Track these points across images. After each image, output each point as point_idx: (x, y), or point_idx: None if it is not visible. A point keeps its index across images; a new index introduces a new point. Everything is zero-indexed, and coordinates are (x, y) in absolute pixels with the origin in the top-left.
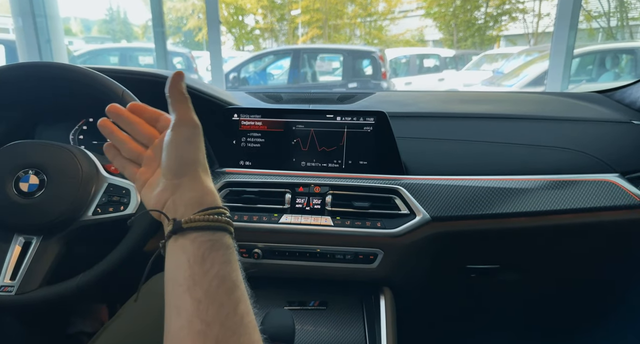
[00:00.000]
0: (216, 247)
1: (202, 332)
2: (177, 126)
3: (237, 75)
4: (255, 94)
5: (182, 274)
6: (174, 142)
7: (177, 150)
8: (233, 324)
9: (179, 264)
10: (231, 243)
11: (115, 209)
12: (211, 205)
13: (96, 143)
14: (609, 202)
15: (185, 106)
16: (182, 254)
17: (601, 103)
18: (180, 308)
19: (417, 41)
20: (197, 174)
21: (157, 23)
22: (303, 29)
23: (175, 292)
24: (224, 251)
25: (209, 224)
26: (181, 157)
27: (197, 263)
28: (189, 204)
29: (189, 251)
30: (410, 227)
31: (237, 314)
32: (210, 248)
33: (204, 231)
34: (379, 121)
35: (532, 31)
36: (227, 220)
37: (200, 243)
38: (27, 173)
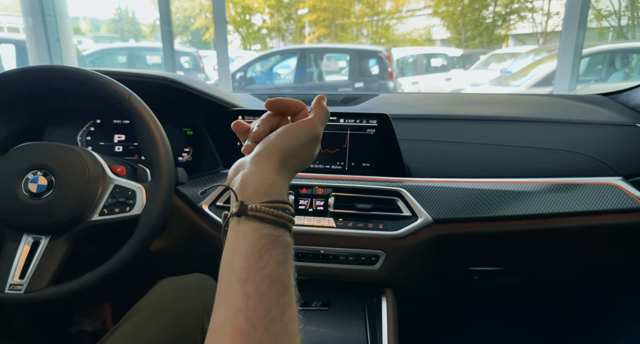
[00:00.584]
0: (275, 244)
1: (245, 332)
2: (317, 114)
3: (244, 74)
4: (260, 96)
5: (238, 264)
6: (304, 125)
7: (300, 133)
8: (277, 330)
9: (236, 252)
10: (290, 242)
11: (121, 210)
12: (278, 198)
13: (103, 144)
14: (612, 206)
15: (322, 101)
16: (241, 241)
17: (606, 105)
18: (230, 298)
19: (424, 40)
20: (280, 165)
21: (165, 22)
22: (310, 28)
23: (228, 280)
24: (282, 249)
25: (273, 217)
26: (298, 139)
27: (254, 257)
28: (258, 190)
29: (248, 241)
30: (412, 229)
31: (283, 320)
32: (269, 244)
33: (267, 223)
34: (381, 124)
35: (541, 30)
36: (290, 217)
37: (261, 236)
38: (36, 174)
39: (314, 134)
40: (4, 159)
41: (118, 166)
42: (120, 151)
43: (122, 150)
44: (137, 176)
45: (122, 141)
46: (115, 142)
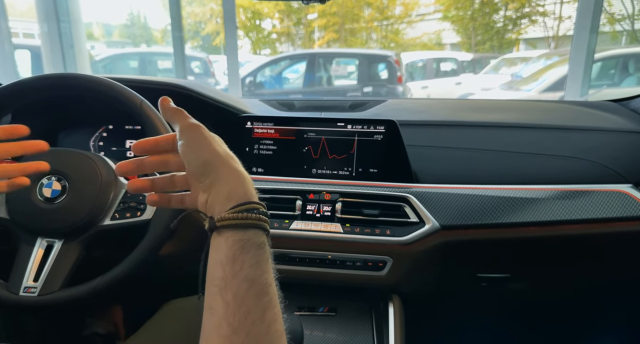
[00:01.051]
0: (246, 248)
1: (228, 338)
2: (181, 135)
3: (253, 79)
4: (269, 102)
5: (216, 274)
6: (185, 149)
7: (191, 154)
8: (258, 332)
9: (214, 263)
10: (263, 241)
11: (132, 214)
12: (241, 200)
13: (115, 150)
14: (622, 213)
15: (179, 116)
16: (216, 253)
17: (616, 112)
18: (213, 309)
19: (434, 45)
20: (223, 169)
21: (176, 27)
22: (319, 33)
23: (210, 292)
24: (255, 251)
25: (237, 222)
26: (197, 159)
27: (229, 264)
28: (220, 201)
29: (222, 251)
30: (419, 235)
31: (264, 322)
32: (240, 249)
33: (235, 229)
34: (389, 130)
35: (553, 34)
36: (258, 217)
37: (232, 243)
38: (50, 179)
39: (197, 129)
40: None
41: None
42: (132, 156)
43: (134, 155)
44: None
45: None
46: (127, 148)
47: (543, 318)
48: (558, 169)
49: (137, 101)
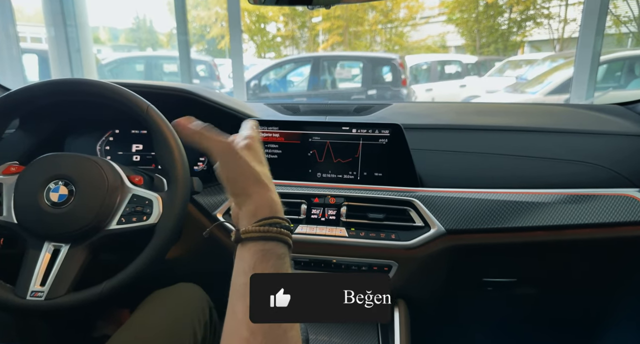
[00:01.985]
0: (267, 258)
1: (246, 340)
2: (215, 157)
3: (258, 82)
4: (274, 106)
5: (239, 281)
6: (220, 170)
7: (225, 175)
8: (276, 336)
9: (238, 272)
10: (284, 253)
11: (138, 219)
12: (267, 216)
13: (121, 154)
14: (628, 218)
15: (208, 139)
16: (240, 262)
17: (622, 116)
18: (234, 312)
19: (438, 47)
20: (254, 189)
21: (181, 31)
22: (324, 36)
23: (233, 297)
24: (274, 261)
25: (260, 234)
26: (229, 180)
27: (250, 272)
28: (247, 216)
29: (245, 260)
30: (424, 239)
31: (280, 327)
32: (261, 258)
33: (257, 241)
34: (394, 134)
35: (558, 37)
36: (280, 230)
37: (254, 253)
38: (57, 184)
39: (227, 151)
40: (27, 170)
41: (136, 175)
42: (138, 160)
43: (140, 159)
44: (154, 185)
45: (139, 150)
46: (133, 152)
47: (549, 323)
48: (564, 173)
49: (143, 106)
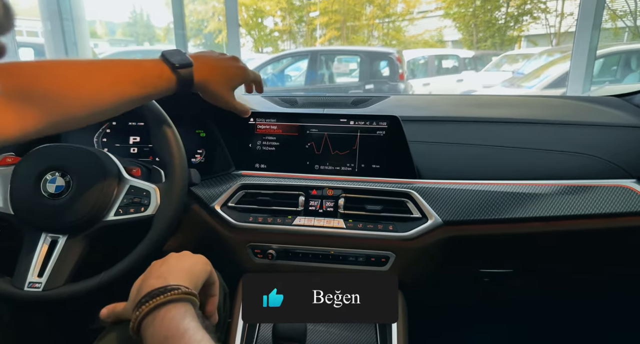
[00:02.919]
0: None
1: None
2: None
3: None
4: (271, 98)
5: None
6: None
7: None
8: None
9: None
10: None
11: (136, 210)
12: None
13: (119, 146)
14: (625, 208)
15: None
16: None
17: (620, 107)
18: None
19: (435, 42)
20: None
21: (179, 25)
22: (321, 31)
23: None
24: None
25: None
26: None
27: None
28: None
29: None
30: (422, 230)
31: None
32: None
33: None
34: (391, 125)
35: (554, 31)
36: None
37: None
38: (54, 175)
39: None
40: (23, 161)
41: (133, 167)
42: (135, 152)
43: (137, 151)
44: (152, 177)
45: (137, 142)
46: (130, 144)
47: (546, 314)
48: (561, 165)
49: None
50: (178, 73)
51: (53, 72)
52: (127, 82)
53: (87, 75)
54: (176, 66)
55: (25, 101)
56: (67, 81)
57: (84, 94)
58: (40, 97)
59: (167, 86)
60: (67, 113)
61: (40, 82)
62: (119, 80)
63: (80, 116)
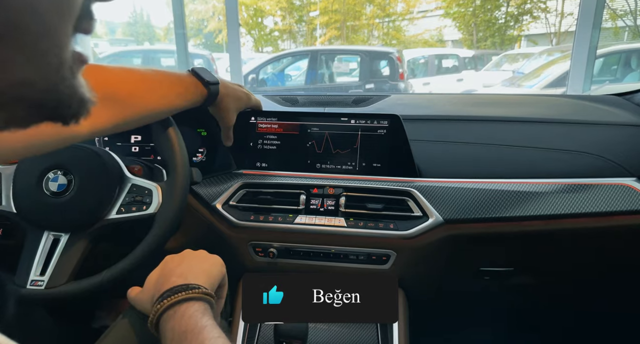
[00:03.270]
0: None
1: None
2: None
3: (256, 76)
4: (272, 97)
5: None
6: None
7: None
8: None
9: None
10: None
11: (138, 208)
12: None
13: (120, 145)
14: (626, 207)
15: None
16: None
17: (620, 106)
18: None
19: (435, 41)
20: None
21: (179, 25)
22: (321, 30)
23: None
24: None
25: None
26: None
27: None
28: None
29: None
30: (423, 229)
31: None
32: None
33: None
34: (392, 124)
35: (554, 31)
36: (180, 294)
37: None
38: (56, 174)
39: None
40: (26, 159)
41: (135, 165)
42: (137, 151)
43: (139, 150)
44: (154, 175)
45: (138, 141)
46: (131, 143)
47: (547, 313)
48: (562, 163)
49: None
50: (209, 88)
51: (128, 80)
52: (174, 94)
53: (150, 85)
54: (208, 82)
55: (104, 103)
56: (137, 90)
57: (145, 102)
58: (114, 101)
59: (200, 99)
60: (129, 117)
61: (120, 90)
62: (169, 92)
63: (136, 120)
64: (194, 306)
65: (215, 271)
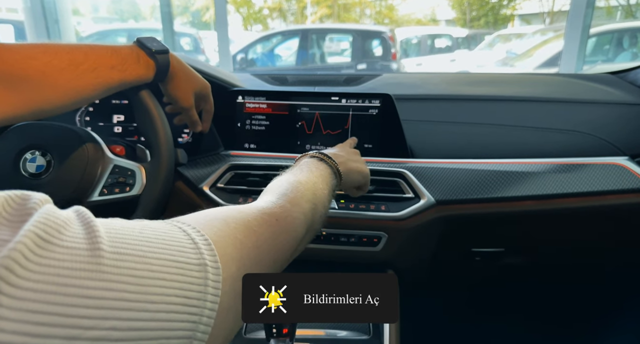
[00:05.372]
0: (320, 169)
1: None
2: None
3: (245, 56)
4: (261, 76)
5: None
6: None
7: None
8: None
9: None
10: (332, 177)
11: (121, 190)
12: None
13: (102, 125)
14: (617, 186)
15: None
16: (299, 165)
17: (613, 85)
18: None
19: (428, 20)
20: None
21: (165, 3)
22: (312, 8)
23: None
24: (326, 176)
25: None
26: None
27: (306, 171)
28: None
29: (305, 164)
30: (414, 210)
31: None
32: (317, 166)
33: (314, 159)
34: (384, 104)
35: (548, 10)
36: (332, 161)
37: (312, 162)
38: (34, 154)
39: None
40: (1, 140)
41: (117, 145)
42: (120, 131)
43: (122, 131)
44: (137, 156)
45: (121, 121)
46: (114, 123)
47: (538, 293)
48: (555, 143)
49: None
50: (156, 58)
51: (41, 60)
52: (106, 67)
53: (70, 59)
54: (153, 51)
55: (8, 87)
56: (53, 70)
57: (66, 82)
58: (25, 84)
59: (145, 71)
60: (47, 101)
61: (27, 69)
62: (98, 65)
63: (60, 104)
64: (327, 168)
65: (357, 177)
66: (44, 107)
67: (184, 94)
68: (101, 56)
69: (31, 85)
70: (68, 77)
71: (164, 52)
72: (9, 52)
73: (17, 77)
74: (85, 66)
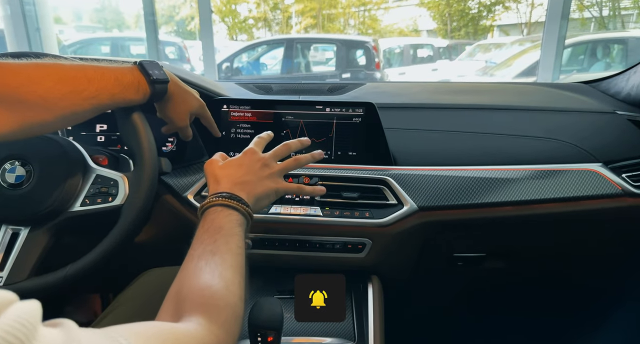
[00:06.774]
0: (225, 220)
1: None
2: None
3: (230, 65)
4: (246, 85)
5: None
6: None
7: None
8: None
9: (200, 230)
10: (240, 222)
11: (103, 200)
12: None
13: (84, 134)
14: (592, 191)
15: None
16: (202, 224)
17: (587, 93)
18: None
19: (410, 31)
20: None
21: (149, 12)
22: (297, 19)
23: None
24: (231, 225)
25: (221, 202)
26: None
27: (210, 231)
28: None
29: (207, 220)
30: (398, 217)
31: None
32: (221, 219)
33: (217, 207)
34: (368, 112)
35: (525, 21)
36: (239, 203)
37: (215, 216)
38: (13, 164)
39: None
40: None
41: (100, 155)
42: (103, 140)
43: (105, 140)
44: (120, 166)
45: (104, 130)
46: (97, 132)
47: (519, 297)
48: (532, 150)
49: None
50: (154, 87)
51: (44, 85)
52: (106, 95)
53: (74, 86)
54: (154, 80)
55: (7, 108)
56: (54, 96)
57: (64, 107)
58: (22, 105)
59: (141, 98)
60: (41, 122)
61: (28, 94)
62: (99, 93)
63: (53, 125)
64: (237, 216)
65: (265, 202)
66: (36, 126)
67: (179, 115)
68: (104, 86)
69: (29, 107)
70: (67, 103)
71: (163, 82)
72: (12, 75)
73: (17, 100)
74: (87, 93)
